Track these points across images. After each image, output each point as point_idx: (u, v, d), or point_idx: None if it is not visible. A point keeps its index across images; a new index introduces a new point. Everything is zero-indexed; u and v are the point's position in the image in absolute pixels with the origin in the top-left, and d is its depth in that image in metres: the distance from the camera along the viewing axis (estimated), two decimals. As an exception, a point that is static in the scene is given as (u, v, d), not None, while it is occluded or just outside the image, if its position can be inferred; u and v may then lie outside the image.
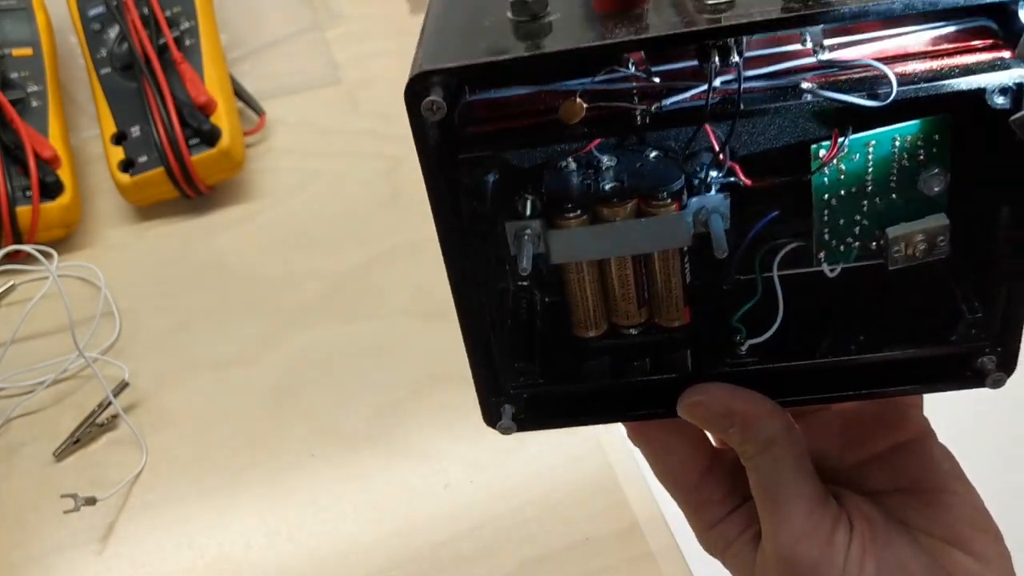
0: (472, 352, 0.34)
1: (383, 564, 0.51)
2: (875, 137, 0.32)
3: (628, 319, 0.35)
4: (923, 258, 0.33)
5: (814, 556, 0.31)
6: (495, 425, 0.34)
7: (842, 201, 0.33)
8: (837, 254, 0.34)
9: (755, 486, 0.32)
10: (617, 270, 0.34)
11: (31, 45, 0.63)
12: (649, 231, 0.32)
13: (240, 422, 0.55)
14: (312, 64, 0.68)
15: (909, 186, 0.33)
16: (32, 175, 0.58)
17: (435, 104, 0.28)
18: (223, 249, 0.61)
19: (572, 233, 0.33)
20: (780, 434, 0.32)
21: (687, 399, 0.33)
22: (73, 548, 0.51)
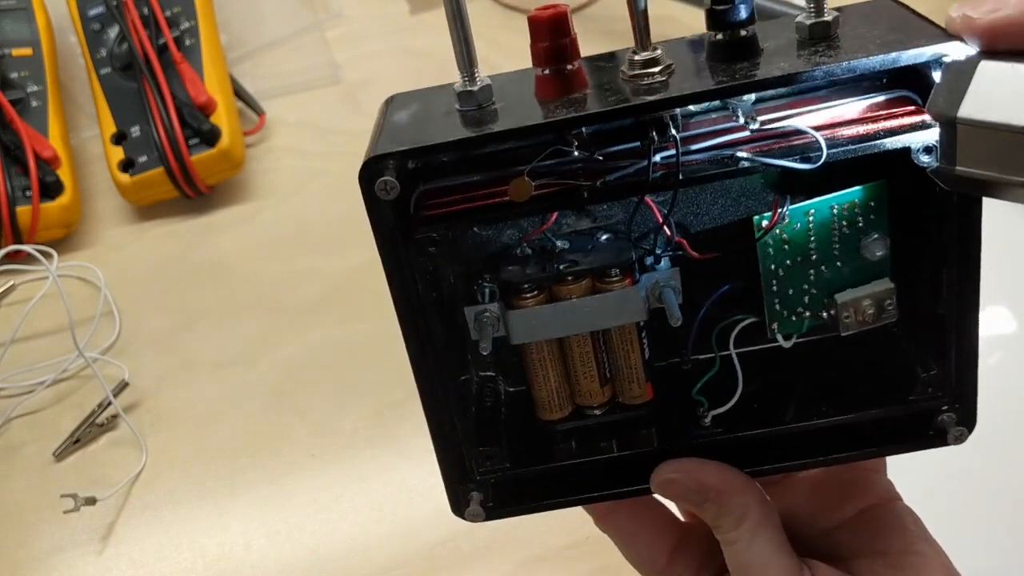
0: (437, 437, 0.34)
1: (383, 564, 0.51)
2: (814, 206, 0.34)
3: (591, 398, 0.35)
4: (874, 323, 0.34)
5: None
6: (462, 513, 0.34)
7: (789, 271, 0.34)
8: (790, 325, 0.35)
9: (731, 563, 0.33)
10: (577, 348, 0.35)
11: (31, 45, 0.63)
12: (605, 307, 0.34)
13: (240, 422, 0.55)
14: (312, 64, 0.68)
15: (852, 252, 0.34)
16: (32, 175, 0.58)
17: (388, 183, 0.30)
18: (223, 249, 0.61)
19: (531, 312, 0.34)
20: (754, 509, 0.33)
21: (659, 476, 0.33)
22: (73, 548, 0.51)
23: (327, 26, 0.69)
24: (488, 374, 0.37)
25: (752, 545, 0.32)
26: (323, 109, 0.66)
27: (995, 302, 0.58)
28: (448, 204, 0.31)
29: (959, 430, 0.34)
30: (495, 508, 0.34)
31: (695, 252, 0.34)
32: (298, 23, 0.69)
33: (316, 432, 0.55)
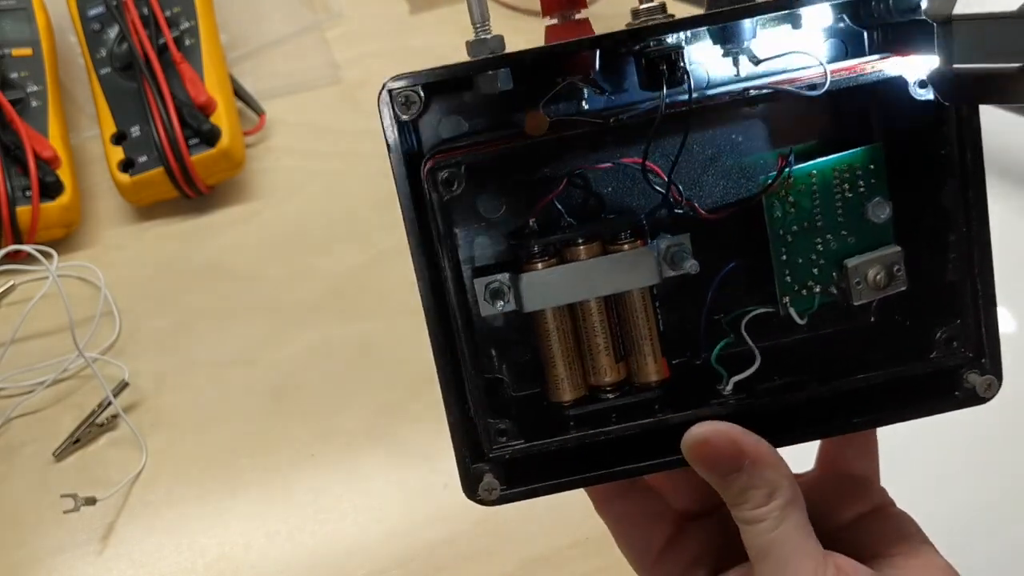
0: (449, 402, 0.34)
1: (383, 564, 0.51)
2: (815, 167, 0.34)
3: (606, 375, 0.35)
4: (884, 289, 0.34)
5: None
6: (475, 494, 0.34)
7: (797, 237, 0.35)
8: (801, 301, 0.35)
9: (754, 543, 0.31)
10: (591, 317, 0.34)
11: (31, 45, 0.63)
12: (617, 268, 0.33)
13: (240, 422, 0.55)
14: (312, 64, 0.68)
15: (857, 218, 0.35)
16: (32, 175, 0.58)
17: (408, 98, 0.31)
18: (223, 249, 0.61)
19: (542, 275, 0.33)
20: (786, 485, 0.31)
21: (691, 437, 0.31)
22: (73, 548, 0.51)
23: (327, 26, 0.69)
24: (497, 376, 0.36)
25: (781, 524, 0.31)
26: (323, 109, 0.66)
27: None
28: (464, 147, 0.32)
29: (988, 379, 0.34)
30: (508, 490, 0.34)
31: (705, 213, 0.34)
32: (298, 23, 0.69)
33: (316, 432, 0.55)
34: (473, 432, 0.33)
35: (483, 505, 0.34)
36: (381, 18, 0.70)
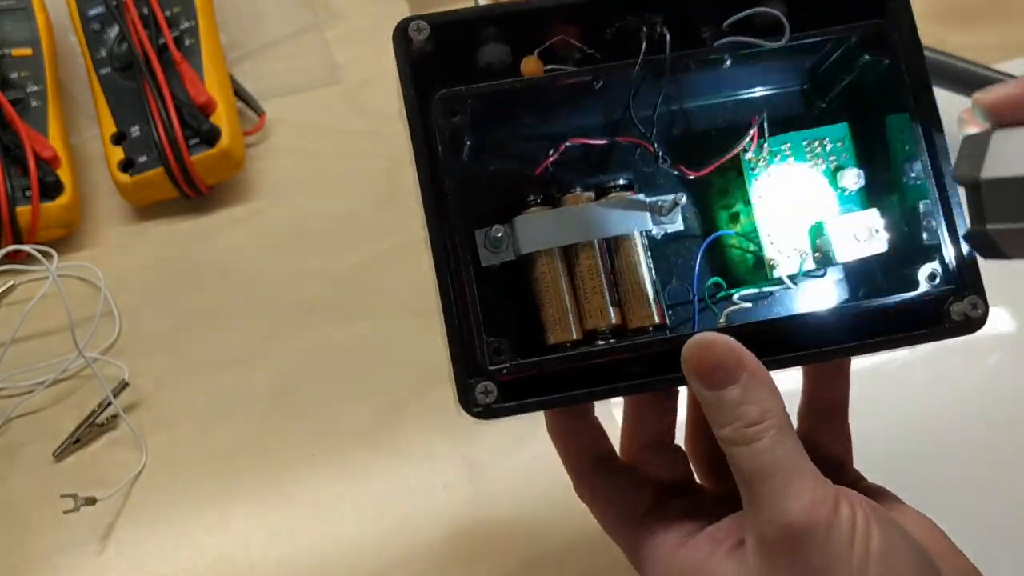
0: (450, 317, 0.34)
1: (383, 564, 0.51)
2: (788, 138, 0.38)
3: (601, 318, 0.35)
4: (865, 251, 0.36)
5: (824, 525, 0.30)
6: (470, 405, 0.34)
7: (779, 202, 0.37)
8: (786, 263, 0.37)
9: (748, 467, 0.31)
10: (585, 261, 0.35)
11: (31, 45, 0.63)
12: (610, 213, 0.35)
13: (240, 422, 0.55)
14: (312, 64, 0.68)
15: (833, 186, 0.38)
16: (32, 175, 0.58)
17: (419, 25, 0.35)
18: (223, 249, 0.61)
19: (536, 218, 0.35)
20: (780, 407, 0.31)
21: (694, 341, 0.31)
22: (73, 548, 0.51)
23: (327, 26, 0.69)
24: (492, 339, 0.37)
25: (778, 444, 0.30)
26: (323, 109, 0.66)
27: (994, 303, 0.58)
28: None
29: (972, 299, 0.35)
30: (502, 403, 0.34)
31: (690, 171, 0.37)
32: (298, 23, 0.69)
33: (316, 432, 0.55)
34: (471, 349, 0.34)
35: (479, 416, 0.33)
36: (381, 18, 0.70)
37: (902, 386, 0.56)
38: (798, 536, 0.30)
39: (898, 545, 0.30)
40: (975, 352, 0.57)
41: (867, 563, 0.29)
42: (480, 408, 0.34)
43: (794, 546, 0.30)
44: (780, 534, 0.30)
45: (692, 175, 0.37)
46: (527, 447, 0.54)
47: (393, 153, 0.64)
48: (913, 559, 0.31)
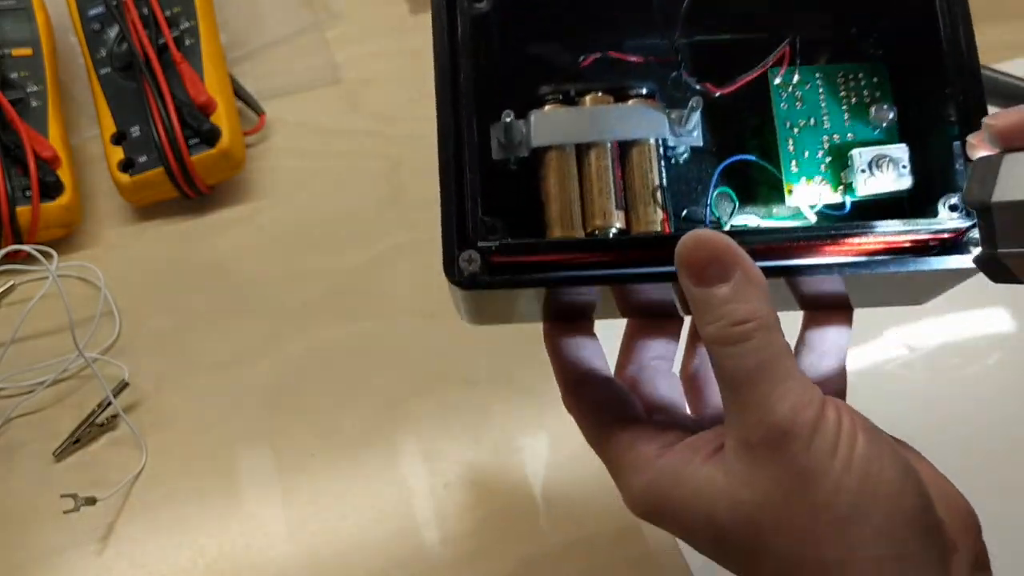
0: (445, 190, 0.33)
1: (383, 564, 0.51)
2: (821, 69, 0.37)
3: (605, 219, 0.35)
4: (888, 187, 0.35)
5: (809, 427, 0.29)
6: (454, 278, 0.33)
7: (803, 131, 0.37)
8: (807, 193, 0.36)
9: (738, 366, 0.30)
10: (596, 161, 0.35)
11: (31, 45, 0.63)
12: (627, 116, 0.35)
13: (240, 422, 0.55)
14: (312, 64, 0.68)
15: (863, 120, 0.37)
16: (32, 175, 0.58)
17: None
18: (223, 249, 0.61)
19: (553, 113, 0.35)
20: (769, 311, 0.30)
21: (689, 235, 0.30)
22: (73, 548, 0.51)
23: (327, 26, 0.69)
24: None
25: (767, 346, 0.29)
26: (323, 109, 0.66)
27: (994, 303, 0.58)
28: None
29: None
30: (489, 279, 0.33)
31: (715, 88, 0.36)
32: (298, 23, 0.69)
33: (316, 432, 0.55)
34: (464, 222, 0.33)
35: (461, 286, 0.32)
36: (381, 18, 0.70)
37: (902, 386, 0.56)
38: (782, 438, 0.29)
39: (883, 452, 0.30)
40: (975, 352, 0.57)
41: (850, 466, 0.29)
42: (463, 278, 0.32)
43: (778, 448, 0.29)
44: (764, 436, 0.29)
45: (717, 92, 0.36)
46: (528, 447, 0.54)
47: (393, 153, 0.64)
48: (897, 467, 0.30)
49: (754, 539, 0.30)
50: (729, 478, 0.31)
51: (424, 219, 0.61)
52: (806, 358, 0.39)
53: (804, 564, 0.30)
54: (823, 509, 0.29)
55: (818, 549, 0.29)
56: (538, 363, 0.57)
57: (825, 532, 0.29)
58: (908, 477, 0.30)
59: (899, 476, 0.30)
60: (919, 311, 0.58)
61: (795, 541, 0.30)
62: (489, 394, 0.56)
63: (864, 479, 0.29)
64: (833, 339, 0.39)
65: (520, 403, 0.55)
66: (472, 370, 0.57)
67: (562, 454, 0.54)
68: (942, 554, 0.30)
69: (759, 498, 0.30)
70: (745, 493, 0.30)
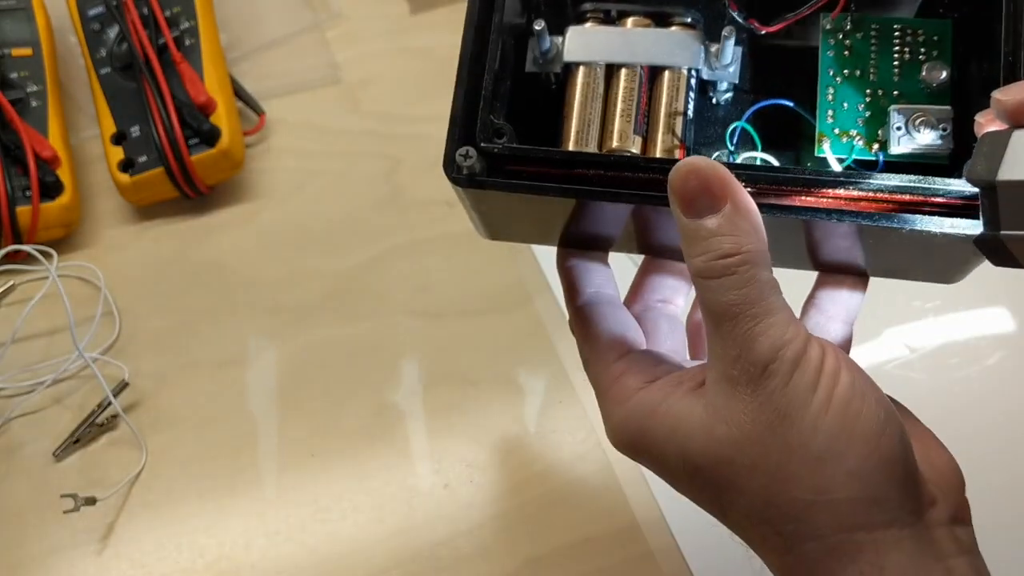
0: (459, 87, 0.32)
1: (383, 564, 0.51)
2: (879, 21, 0.35)
3: (621, 141, 0.34)
4: (927, 148, 0.33)
5: (790, 363, 0.29)
6: (451, 174, 0.32)
7: (846, 81, 0.35)
8: (839, 146, 0.35)
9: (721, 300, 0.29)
10: (624, 83, 0.35)
11: (31, 45, 0.63)
12: (663, 42, 0.34)
13: (240, 422, 0.55)
14: (312, 64, 0.68)
15: (913, 78, 0.34)
16: (32, 175, 0.58)
17: None
18: (223, 249, 0.61)
19: (589, 31, 0.34)
20: (757, 246, 0.29)
21: (683, 162, 0.29)
22: (73, 548, 0.51)
23: (327, 26, 0.69)
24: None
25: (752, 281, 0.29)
26: (323, 109, 0.66)
27: (995, 302, 0.58)
28: None
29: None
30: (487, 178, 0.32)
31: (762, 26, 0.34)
32: (298, 23, 0.69)
33: (316, 432, 0.55)
34: (472, 121, 0.32)
35: (458, 183, 0.32)
36: (381, 18, 0.70)
37: (902, 386, 0.55)
38: (761, 373, 0.29)
39: (865, 393, 0.29)
40: (975, 352, 0.57)
41: (828, 406, 0.28)
42: (461, 176, 0.32)
43: (756, 384, 0.29)
44: (743, 371, 0.29)
45: (764, 30, 0.34)
46: (527, 447, 0.54)
47: (393, 153, 0.64)
48: (879, 411, 0.29)
49: (727, 476, 0.30)
50: (707, 412, 0.30)
51: (424, 219, 0.61)
52: (813, 318, 0.38)
53: (774, 503, 0.29)
54: (798, 448, 0.28)
55: (789, 488, 0.29)
56: (538, 363, 0.57)
57: (798, 471, 0.29)
58: (889, 422, 0.29)
59: (880, 419, 0.29)
60: (919, 311, 0.58)
61: (768, 479, 0.29)
62: (489, 394, 0.56)
63: (842, 419, 0.28)
64: (844, 301, 0.37)
65: (520, 403, 0.56)
66: (472, 370, 0.57)
67: (562, 454, 0.54)
68: (917, 505, 0.30)
69: (735, 433, 0.29)
70: (721, 428, 0.29)
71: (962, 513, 0.31)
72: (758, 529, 0.30)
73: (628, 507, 0.52)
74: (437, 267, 0.59)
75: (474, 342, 0.57)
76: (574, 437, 0.55)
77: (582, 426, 0.55)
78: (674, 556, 0.50)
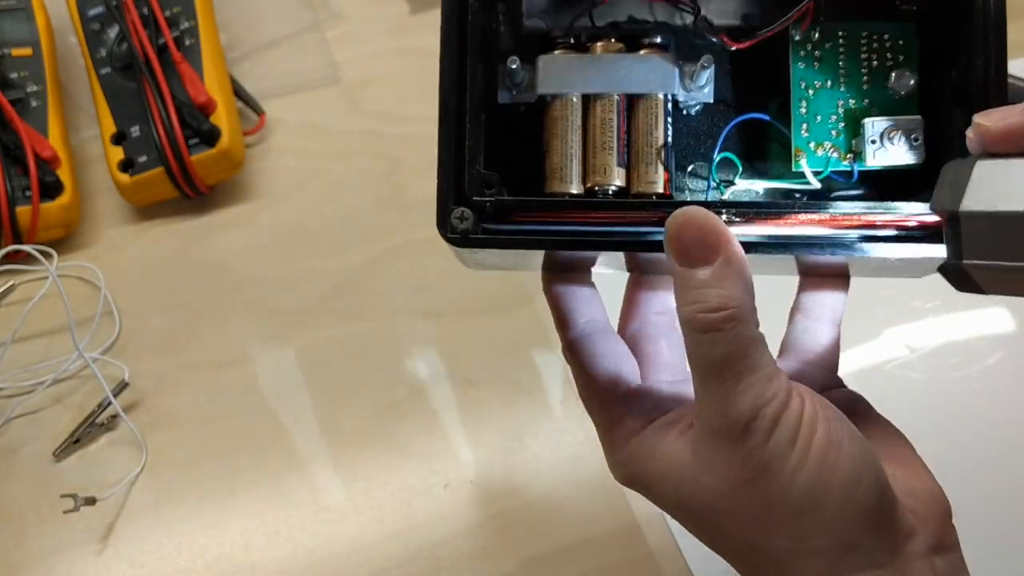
0: (443, 145, 0.32)
1: (383, 564, 0.51)
2: (844, 28, 0.35)
3: (605, 175, 0.34)
4: (900, 158, 0.34)
5: (770, 421, 0.30)
6: (447, 235, 0.32)
7: (819, 93, 0.35)
8: (815, 159, 0.35)
9: (706, 354, 0.30)
10: (601, 112, 0.34)
11: (31, 45, 0.63)
12: (637, 68, 0.34)
13: (240, 422, 0.55)
14: (312, 64, 0.68)
15: (881, 87, 0.35)
16: (32, 175, 0.58)
17: None
18: (223, 249, 0.61)
19: (562, 59, 0.34)
20: (746, 300, 0.30)
21: (680, 212, 0.30)
22: (73, 548, 0.51)
23: (327, 26, 0.69)
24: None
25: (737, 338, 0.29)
26: (323, 109, 0.66)
27: (994, 303, 0.58)
28: None
29: None
30: (481, 235, 0.32)
31: (732, 42, 0.35)
32: (298, 23, 0.69)
33: (316, 432, 0.55)
34: (460, 176, 0.32)
35: (454, 243, 0.32)
36: (381, 18, 0.70)
37: (901, 386, 0.56)
38: (743, 431, 0.30)
39: (841, 442, 0.30)
40: (975, 352, 0.57)
41: (806, 461, 0.30)
42: (456, 235, 0.32)
43: (738, 440, 0.30)
44: (725, 427, 0.30)
45: (734, 46, 0.35)
46: (528, 447, 0.54)
47: (393, 153, 0.64)
48: (854, 459, 0.30)
49: (714, 519, 0.32)
50: (695, 460, 0.32)
51: (423, 219, 0.61)
52: (800, 322, 0.39)
53: (758, 547, 0.31)
54: (777, 500, 0.30)
55: (771, 536, 0.31)
56: (538, 363, 0.57)
57: (778, 522, 0.30)
58: (866, 468, 0.30)
59: (855, 468, 0.30)
60: (919, 311, 0.58)
61: (750, 528, 0.31)
62: (489, 394, 0.56)
63: (819, 472, 0.30)
64: (828, 303, 0.38)
65: (520, 403, 0.56)
66: (472, 370, 0.57)
67: (562, 454, 0.54)
68: (894, 543, 0.31)
69: (719, 484, 0.31)
70: (707, 478, 0.31)
71: (945, 539, 0.32)
72: (746, 567, 0.33)
73: (628, 507, 0.52)
74: (437, 267, 0.59)
75: (474, 342, 0.57)
76: (574, 437, 0.55)
77: (582, 426, 0.55)
78: (674, 556, 0.50)
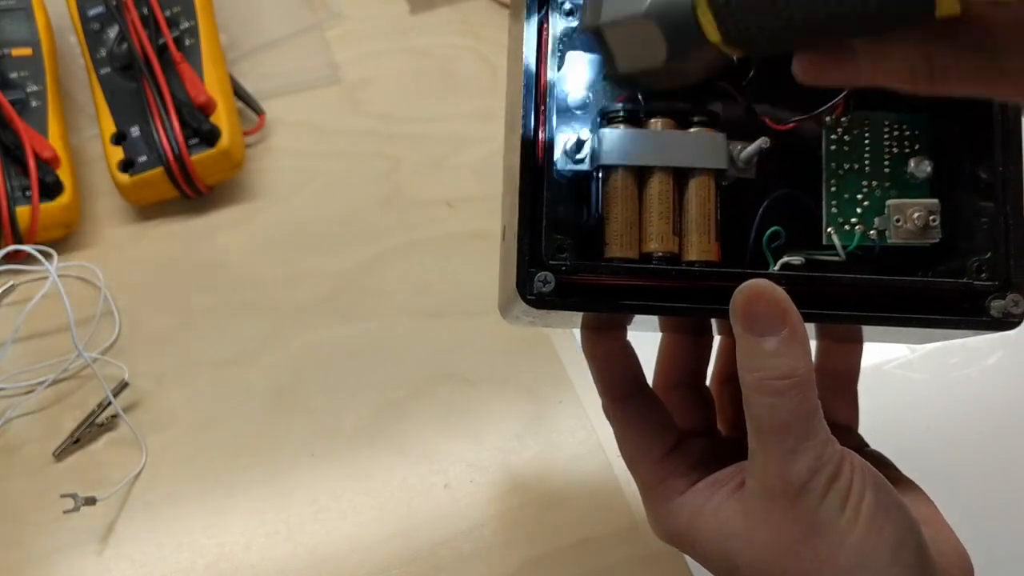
0: (524, 212, 0.35)
1: (383, 564, 0.51)
2: (870, 116, 0.39)
3: (661, 243, 0.36)
4: (919, 237, 0.38)
5: (824, 486, 0.32)
6: (526, 296, 0.34)
7: (847, 174, 0.39)
8: (843, 234, 0.39)
9: (768, 417, 0.32)
10: (657, 185, 0.37)
11: (31, 45, 0.63)
12: (690, 143, 0.37)
13: (240, 422, 0.55)
14: (312, 64, 0.68)
15: (901, 172, 0.39)
16: (32, 175, 0.58)
17: None
18: (223, 249, 0.61)
19: (623, 133, 0.37)
20: (808, 369, 0.32)
21: (748, 285, 0.33)
22: (73, 548, 0.51)
23: (327, 26, 0.69)
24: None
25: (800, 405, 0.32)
26: (323, 109, 0.66)
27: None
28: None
29: (1014, 297, 0.36)
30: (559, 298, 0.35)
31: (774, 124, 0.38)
32: (298, 23, 0.69)
33: (316, 432, 0.55)
34: (537, 240, 0.35)
35: (532, 304, 0.34)
36: (381, 18, 0.70)
37: (902, 386, 0.56)
38: (799, 492, 0.32)
39: (889, 508, 0.32)
40: (975, 352, 0.57)
41: (856, 523, 0.32)
42: (534, 296, 0.34)
43: (793, 500, 0.32)
44: (782, 487, 0.32)
45: (776, 128, 0.38)
46: (528, 447, 0.54)
47: (393, 153, 0.64)
48: (900, 524, 0.32)
49: (765, 574, 0.33)
50: (746, 519, 0.34)
51: (424, 219, 0.61)
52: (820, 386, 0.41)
53: None
54: (827, 559, 0.32)
55: None
56: (538, 363, 0.57)
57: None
58: (910, 533, 0.33)
59: (899, 532, 0.32)
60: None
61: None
62: (489, 394, 0.56)
63: (867, 534, 0.32)
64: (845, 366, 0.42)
65: (520, 403, 0.56)
66: (472, 370, 0.57)
67: (563, 454, 0.54)
68: None
69: (771, 541, 0.33)
70: (759, 535, 0.33)
71: None
72: None
73: (628, 507, 0.52)
74: (437, 267, 0.59)
75: (474, 342, 0.57)
76: (574, 437, 0.55)
77: (582, 426, 0.55)
78: (674, 557, 0.50)
